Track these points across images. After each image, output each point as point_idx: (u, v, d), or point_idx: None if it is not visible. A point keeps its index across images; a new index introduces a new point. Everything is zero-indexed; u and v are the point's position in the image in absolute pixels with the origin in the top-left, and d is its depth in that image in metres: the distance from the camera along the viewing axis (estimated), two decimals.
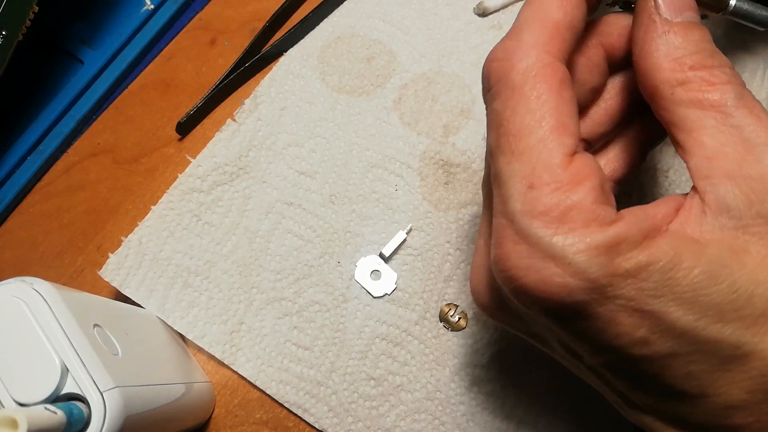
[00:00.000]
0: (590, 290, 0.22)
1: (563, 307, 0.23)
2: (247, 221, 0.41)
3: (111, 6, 0.46)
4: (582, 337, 0.24)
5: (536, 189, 0.23)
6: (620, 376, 0.25)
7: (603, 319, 0.23)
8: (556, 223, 0.23)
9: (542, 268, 0.23)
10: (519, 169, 0.23)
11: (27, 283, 0.28)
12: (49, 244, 0.43)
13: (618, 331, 0.23)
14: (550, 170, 0.23)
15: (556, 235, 0.23)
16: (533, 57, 0.24)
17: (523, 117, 0.24)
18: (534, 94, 0.24)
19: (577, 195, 0.23)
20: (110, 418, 0.26)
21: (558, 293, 0.23)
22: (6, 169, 0.43)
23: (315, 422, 0.38)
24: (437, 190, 0.41)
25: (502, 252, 0.24)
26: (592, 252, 0.22)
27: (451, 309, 0.39)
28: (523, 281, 0.23)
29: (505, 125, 0.24)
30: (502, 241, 0.24)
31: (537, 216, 0.23)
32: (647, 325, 0.23)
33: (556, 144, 0.23)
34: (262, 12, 0.46)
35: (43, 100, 0.44)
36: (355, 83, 0.44)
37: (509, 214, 0.23)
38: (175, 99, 0.45)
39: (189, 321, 0.40)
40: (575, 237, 0.22)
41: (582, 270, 0.22)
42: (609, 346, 0.24)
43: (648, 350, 0.23)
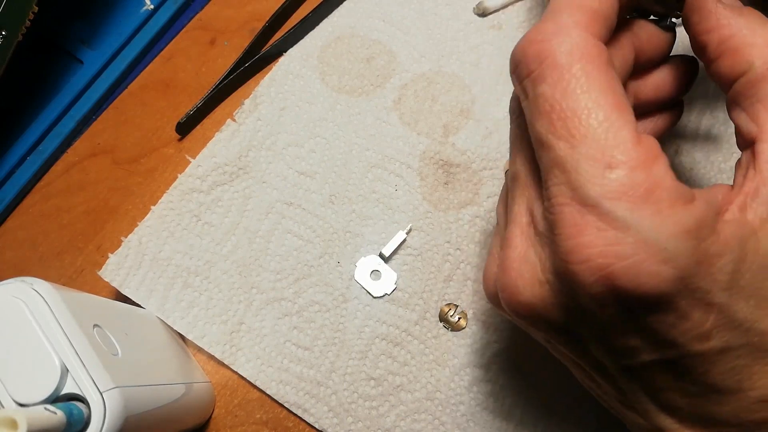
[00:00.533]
0: (680, 280, 0.21)
1: (650, 297, 0.22)
2: (246, 221, 0.41)
3: (111, 6, 0.46)
4: (648, 330, 0.23)
5: (615, 169, 0.21)
6: (665, 373, 0.24)
7: (680, 312, 0.22)
8: (644, 203, 0.21)
9: (634, 254, 0.21)
10: (587, 152, 0.22)
11: (27, 284, 0.28)
12: (48, 244, 0.43)
13: (687, 326, 0.22)
14: (624, 149, 0.22)
15: (646, 217, 0.21)
16: (576, 37, 0.23)
17: (579, 98, 0.22)
18: (584, 74, 0.23)
19: (658, 172, 0.22)
20: (110, 418, 0.26)
21: (650, 282, 0.21)
22: (6, 170, 0.43)
23: (315, 422, 0.38)
24: (437, 190, 0.41)
25: (584, 240, 0.22)
26: (684, 235, 0.21)
27: (450, 309, 0.39)
28: (611, 269, 0.21)
29: (557, 108, 0.23)
30: (582, 228, 0.22)
31: (621, 197, 0.21)
32: (712, 319, 0.22)
33: (622, 122, 0.22)
34: (261, 12, 0.46)
35: (43, 101, 0.44)
36: (355, 83, 0.44)
37: (586, 199, 0.22)
38: (174, 99, 0.45)
39: (189, 321, 0.40)
40: (666, 218, 0.21)
41: (675, 256, 0.21)
42: (673, 342, 0.23)
43: (707, 346, 0.22)
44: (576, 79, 0.22)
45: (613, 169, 0.22)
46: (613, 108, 0.22)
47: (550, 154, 0.23)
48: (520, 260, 0.25)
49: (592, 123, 0.22)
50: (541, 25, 0.24)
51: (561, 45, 0.23)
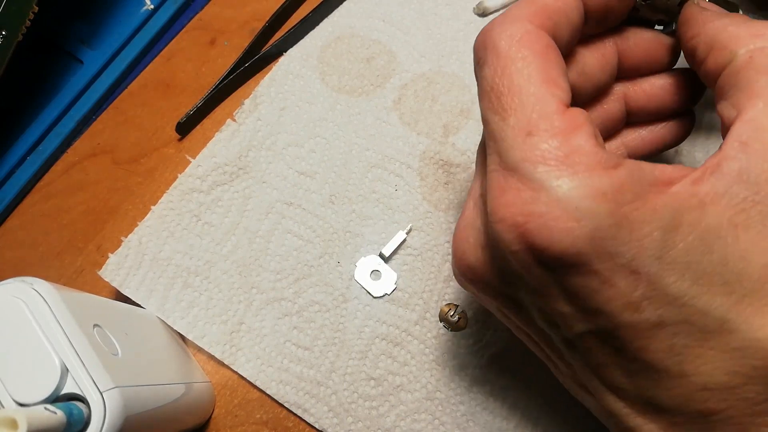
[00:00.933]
0: (594, 240, 0.22)
1: (565, 255, 0.22)
2: (246, 221, 0.41)
3: (111, 6, 0.46)
4: (574, 296, 0.23)
5: (535, 135, 0.23)
6: (603, 347, 0.24)
7: (600, 277, 0.23)
8: (560, 166, 0.22)
9: (547, 212, 0.22)
10: (514, 123, 0.24)
11: (27, 284, 0.28)
12: (48, 244, 0.43)
13: (612, 293, 0.23)
14: (547, 118, 0.23)
15: (561, 178, 0.22)
16: (517, 25, 0.25)
17: (511, 76, 0.24)
18: (519, 55, 0.24)
19: (578, 139, 0.23)
20: (110, 418, 0.26)
21: (563, 240, 0.22)
22: (6, 170, 0.43)
23: (315, 422, 0.38)
24: (437, 190, 0.41)
25: (504, 200, 0.23)
26: (599, 197, 0.22)
27: (450, 309, 0.39)
28: (527, 227, 0.23)
29: (495, 87, 0.25)
30: (504, 190, 0.23)
31: (539, 160, 0.23)
32: (642, 289, 0.22)
33: (548, 95, 0.24)
34: (261, 12, 0.46)
35: (43, 101, 0.44)
36: (355, 83, 0.44)
37: (509, 164, 0.23)
38: (174, 99, 0.45)
39: (189, 321, 0.40)
40: (581, 179, 0.22)
41: (588, 215, 0.22)
42: (600, 310, 0.23)
43: (638, 317, 0.23)
44: (512, 61, 0.24)
45: (533, 135, 0.23)
46: (541, 83, 0.24)
47: (487, 128, 0.25)
48: (468, 226, 0.27)
49: (522, 98, 0.24)
50: (494, 18, 0.26)
51: (502, 33, 0.25)
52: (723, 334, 0.22)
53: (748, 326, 0.22)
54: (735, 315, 0.22)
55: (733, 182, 0.23)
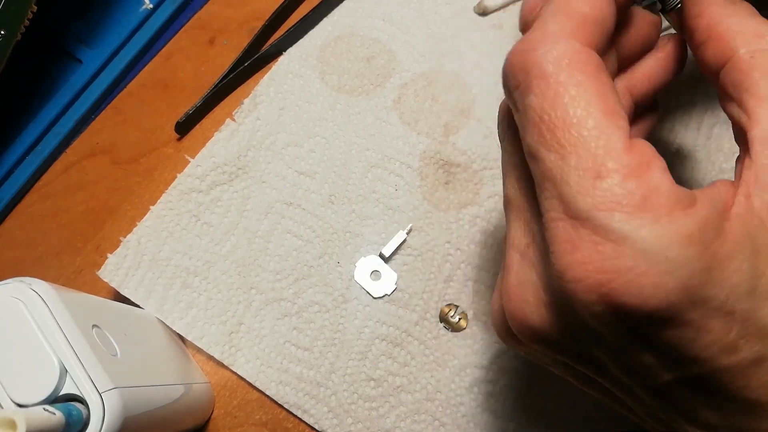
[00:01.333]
0: (688, 290, 0.20)
1: (658, 312, 0.20)
2: (246, 221, 0.41)
3: (109, 5, 0.46)
4: (665, 350, 0.21)
5: (606, 178, 0.20)
6: (696, 392, 0.22)
7: (695, 325, 0.20)
8: (640, 212, 0.20)
9: (634, 267, 0.20)
10: (577, 163, 0.21)
11: (25, 284, 0.28)
12: (47, 244, 0.42)
13: (708, 339, 0.21)
14: (616, 156, 0.21)
15: (643, 226, 0.20)
16: (562, 45, 0.22)
17: (566, 107, 0.21)
18: (573, 82, 0.22)
19: (653, 177, 0.21)
20: (109, 419, 0.26)
21: (654, 296, 0.20)
22: (4, 169, 0.43)
23: (314, 423, 0.38)
24: (437, 190, 0.41)
25: (578, 257, 0.20)
26: (687, 242, 0.20)
27: (451, 309, 0.39)
28: (611, 286, 0.20)
29: (546, 119, 0.22)
30: (576, 245, 0.21)
31: (615, 208, 0.20)
32: (736, 329, 0.21)
33: (613, 128, 0.21)
34: (261, 11, 0.46)
35: (42, 100, 0.44)
36: (355, 83, 0.44)
37: (578, 212, 0.21)
38: (173, 99, 0.45)
39: (188, 321, 0.40)
40: (665, 225, 0.20)
41: (679, 264, 0.20)
42: (695, 358, 0.21)
43: (735, 358, 0.21)
44: (564, 88, 0.22)
45: (604, 178, 0.20)
46: (603, 115, 0.21)
47: (541, 167, 0.22)
48: (522, 285, 0.24)
49: (581, 132, 0.21)
50: (528, 34, 0.23)
51: (547, 54, 0.22)
52: None
53: None
54: None
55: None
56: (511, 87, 0.23)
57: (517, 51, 0.23)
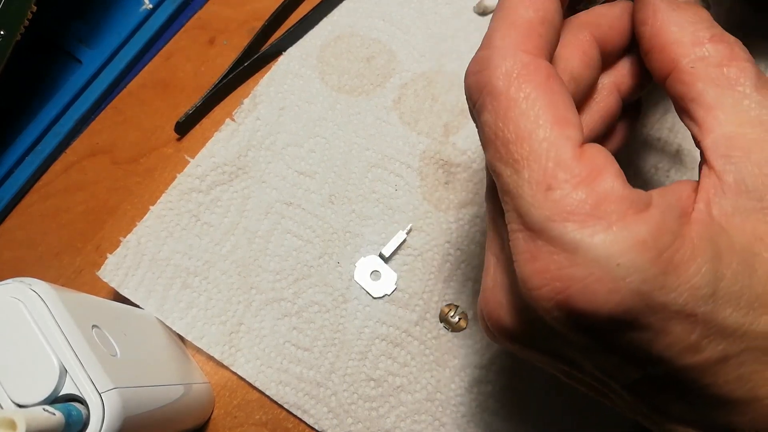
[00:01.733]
0: (642, 295, 0.20)
1: (613, 317, 0.21)
2: (246, 221, 0.41)
3: (109, 5, 0.46)
4: (627, 351, 0.22)
5: (556, 189, 0.21)
6: (665, 390, 0.23)
7: (654, 328, 0.21)
8: (591, 220, 0.20)
9: (587, 274, 0.20)
10: (529, 176, 0.21)
11: (25, 284, 0.28)
12: (47, 244, 0.42)
13: (669, 340, 0.21)
14: (564, 166, 0.21)
15: (595, 234, 0.20)
16: (510, 59, 0.23)
17: (517, 121, 0.22)
18: (521, 95, 0.22)
19: (603, 183, 0.21)
20: (109, 419, 0.26)
21: (608, 301, 0.20)
22: (4, 169, 0.43)
23: (314, 423, 0.38)
24: (437, 190, 0.41)
25: (535, 267, 0.21)
26: (639, 247, 0.20)
27: (451, 310, 0.39)
28: (567, 293, 0.21)
29: (500, 135, 0.22)
30: (533, 255, 0.21)
31: (567, 218, 0.21)
32: (698, 330, 0.21)
33: (561, 139, 0.22)
34: (261, 11, 0.46)
35: (42, 100, 0.44)
36: (355, 83, 0.44)
37: (533, 224, 0.21)
38: (173, 99, 0.45)
39: (188, 322, 0.39)
40: (617, 232, 0.20)
41: (632, 270, 0.20)
42: (657, 358, 0.21)
43: (699, 357, 0.21)
44: (514, 103, 0.22)
45: (554, 189, 0.21)
46: (552, 125, 0.22)
47: (499, 182, 0.23)
48: (495, 287, 0.25)
49: (532, 145, 0.22)
50: (477, 53, 0.24)
51: (495, 70, 0.22)
52: None
53: None
54: None
55: (735, 197, 0.22)
56: (470, 107, 0.24)
57: (471, 72, 0.24)
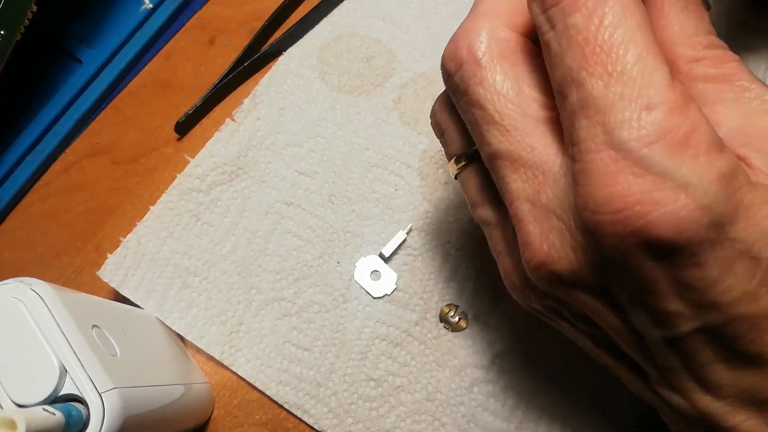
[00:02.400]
0: (719, 227, 0.20)
1: (691, 245, 0.20)
2: (246, 221, 0.41)
3: (109, 5, 0.46)
4: (689, 290, 0.21)
5: (654, 110, 0.20)
6: (709, 344, 0.22)
7: (721, 265, 0.21)
8: (684, 148, 0.20)
9: (675, 199, 0.20)
10: (623, 91, 0.21)
11: (25, 284, 0.28)
12: (47, 244, 0.42)
13: (731, 282, 0.21)
14: (661, 90, 0.21)
15: (686, 161, 0.20)
16: None
17: (615, 32, 0.21)
18: (621, 6, 0.21)
19: (695, 115, 0.21)
20: (109, 419, 0.26)
21: (690, 228, 0.20)
22: (4, 169, 0.43)
23: (314, 423, 0.38)
24: (437, 190, 0.41)
25: (617, 189, 0.20)
26: (722, 181, 0.20)
27: (451, 310, 0.39)
28: (649, 218, 0.20)
29: (593, 42, 0.21)
30: (617, 176, 0.20)
31: (659, 141, 0.20)
32: (759, 276, 0.21)
33: (658, 61, 0.21)
34: (261, 11, 0.46)
35: (42, 100, 0.44)
36: (355, 83, 0.44)
37: (621, 143, 0.20)
38: (173, 99, 0.45)
39: (188, 321, 0.39)
40: (706, 162, 0.20)
41: (715, 202, 0.20)
42: (716, 303, 0.21)
43: (755, 307, 0.21)
44: (612, 12, 0.21)
45: (651, 110, 0.20)
46: (647, 46, 0.21)
47: (581, 94, 0.21)
48: (545, 231, 0.24)
49: (628, 60, 0.21)
50: None
51: None
52: None
53: None
54: None
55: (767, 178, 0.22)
56: (547, 3, 0.22)
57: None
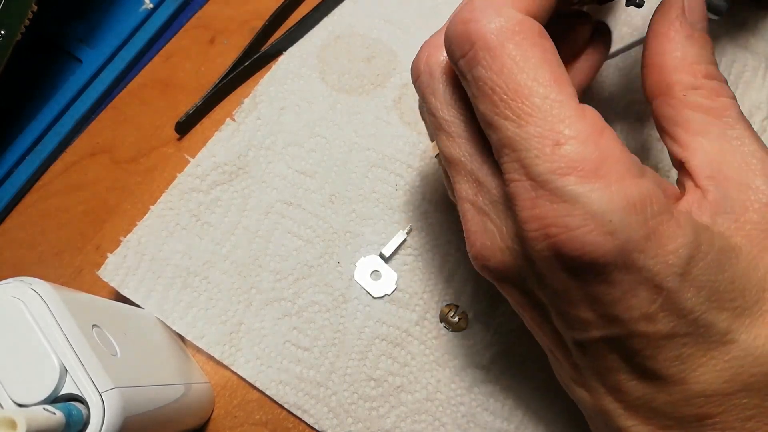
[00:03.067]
0: (624, 252, 0.22)
1: (595, 265, 0.23)
2: (246, 221, 0.41)
3: (110, 5, 0.46)
4: (595, 302, 0.24)
5: (564, 144, 0.22)
6: (613, 352, 0.25)
7: (624, 287, 0.23)
8: (593, 177, 0.22)
9: (582, 224, 0.22)
10: (534, 131, 0.23)
11: (25, 284, 0.28)
12: (47, 244, 0.42)
13: (633, 303, 0.23)
14: (570, 123, 0.22)
15: (595, 190, 0.22)
16: (505, 14, 0.23)
17: (517, 77, 0.23)
18: (519, 52, 0.23)
19: (605, 145, 0.23)
20: (109, 418, 0.26)
21: (594, 251, 0.22)
22: (4, 169, 0.43)
23: (314, 423, 0.38)
24: (437, 190, 0.41)
25: (535, 213, 0.23)
26: (631, 209, 0.22)
27: (451, 310, 0.39)
28: (560, 238, 0.23)
29: (498, 90, 0.23)
30: (534, 202, 0.23)
31: (570, 172, 0.22)
32: (660, 302, 0.23)
33: (564, 97, 0.23)
34: (261, 11, 0.46)
35: (42, 100, 0.44)
36: (355, 82, 0.44)
37: (537, 176, 0.23)
38: (174, 98, 0.45)
39: (188, 321, 0.39)
40: (614, 191, 0.22)
41: (621, 228, 0.22)
42: (618, 318, 0.24)
43: (652, 328, 0.23)
44: (511, 59, 0.23)
45: (561, 145, 0.22)
46: (552, 83, 0.23)
47: (499, 134, 0.24)
48: (480, 231, 0.27)
49: (534, 101, 0.23)
50: (468, 3, 0.24)
51: (490, 24, 0.23)
52: (725, 344, 0.23)
53: (747, 336, 0.23)
54: (736, 327, 0.23)
55: (718, 212, 0.24)
56: (455, 56, 0.24)
57: (460, 20, 0.24)
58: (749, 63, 0.42)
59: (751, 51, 0.42)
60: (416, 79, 0.28)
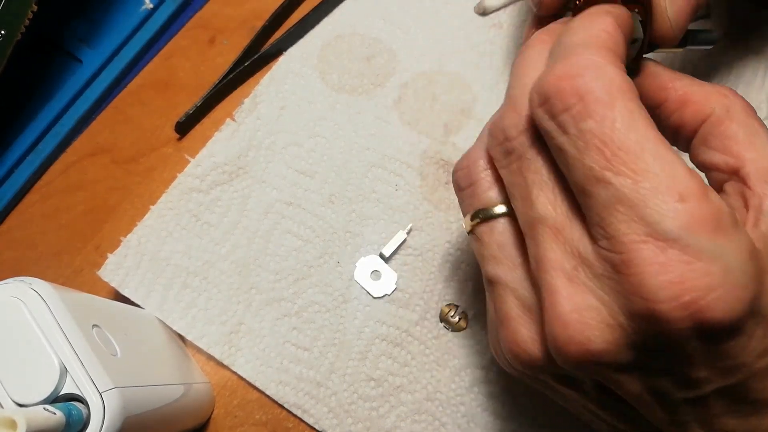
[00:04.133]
0: (752, 301, 0.22)
1: (735, 324, 0.22)
2: (246, 221, 0.41)
3: (110, 5, 0.46)
4: (720, 358, 0.23)
5: (689, 200, 0.22)
6: (724, 398, 0.24)
7: (749, 332, 0.22)
8: (719, 232, 0.21)
9: (723, 283, 0.21)
10: (654, 186, 0.22)
11: (26, 284, 0.28)
12: (47, 244, 0.42)
13: (753, 344, 0.23)
14: (686, 180, 0.22)
15: (724, 245, 0.21)
16: (611, 73, 0.23)
17: (629, 134, 0.22)
18: (628, 110, 0.23)
19: (716, 199, 0.22)
20: (109, 418, 0.26)
21: (735, 309, 0.21)
22: (4, 169, 0.43)
23: (314, 423, 0.38)
24: (438, 190, 0.41)
25: (670, 277, 0.21)
26: (750, 257, 0.22)
27: (451, 309, 0.39)
28: (701, 304, 0.21)
29: (611, 145, 0.22)
30: (666, 266, 0.21)
31: (701, 228, 0.21)
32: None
33: (672, 155, 0.22)
34: (261, 11, 0.46)
35: (42, 100, 0.44)
36: (355, 82, 0.44)
37: (665, 234, 0.21)
38: (174, 98, 0.45)
39: (188, 321, 0.39)
40: (738, 243, 0.22)
41: (750, 279, 0.22)
42: (741, 365, 0.23)
43: (765, 361, 0.23)
44: (621, 116, 0.22)
45: (686, 201, 0.21)
46: (660, 142, 0.23)
47: (609, 191, 0.22)
48: (581, 309, 0.24)
49: (648, 157, 0.22)
50: (568, 60, 0.24)
51: (598, 80, 0.23)
52: None
53: None
54: None
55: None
56: (556, 110, 0.23)
57: (565, 75, 0.23)
58: (750, 63, 0.42)
59: (752, 51, 0.42)
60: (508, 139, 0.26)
